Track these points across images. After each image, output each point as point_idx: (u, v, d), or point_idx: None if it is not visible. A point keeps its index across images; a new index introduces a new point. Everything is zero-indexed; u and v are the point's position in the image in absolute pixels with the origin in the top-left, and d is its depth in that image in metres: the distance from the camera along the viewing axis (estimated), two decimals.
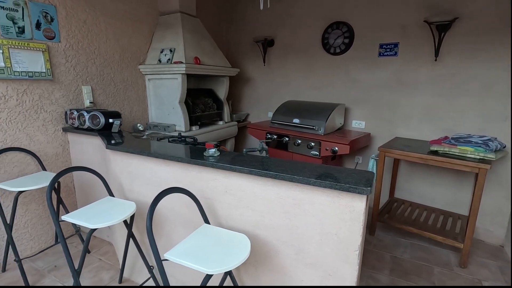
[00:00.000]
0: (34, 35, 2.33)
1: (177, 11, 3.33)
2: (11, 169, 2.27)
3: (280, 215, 1.43)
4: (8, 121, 2.23)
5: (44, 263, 2.33)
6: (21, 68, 2.26)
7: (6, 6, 2.15)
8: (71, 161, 2.68)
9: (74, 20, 2.59)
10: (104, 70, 2.91)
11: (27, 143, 2.36)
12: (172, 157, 1.66)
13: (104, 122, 2.37)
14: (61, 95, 2.56)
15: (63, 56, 2.54)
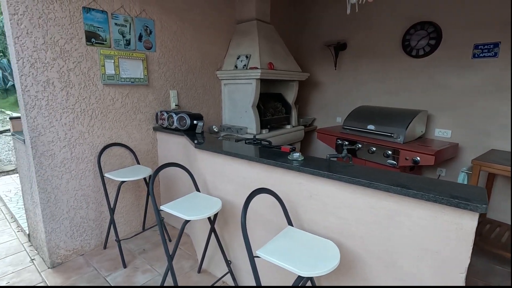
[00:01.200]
0: (137, 46, 2.68)
1: (253, 18, 3.48)
2: (114, 161, 2.64)
3: (369, 225, 1.38)
4: (114, 120, 2.60)
5: (134, 245, 2.65)
6: (126, 75, 2.62)
7: (118, 23, 2.52)
8: (158, 157, 2.99)
9: (167, 32, 2.91)
10: (188, 76, 3.19)
11: (127, 140, 2.71)
12: (256, 158, 1.74)
13: (190, 123, 2.59)
14: (154, 98, 2.89)
15: (156, 64, 2.87)
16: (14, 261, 2.43)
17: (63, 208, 2.36)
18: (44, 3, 2.09)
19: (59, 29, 2.19)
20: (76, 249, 2.47)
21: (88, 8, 2.32)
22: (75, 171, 2.39)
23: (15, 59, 2.03)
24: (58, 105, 2.24)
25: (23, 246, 2.64)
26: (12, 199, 3.49)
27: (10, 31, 1.98)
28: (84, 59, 2.35)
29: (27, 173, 2.36)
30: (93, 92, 2.43)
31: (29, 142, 2.15)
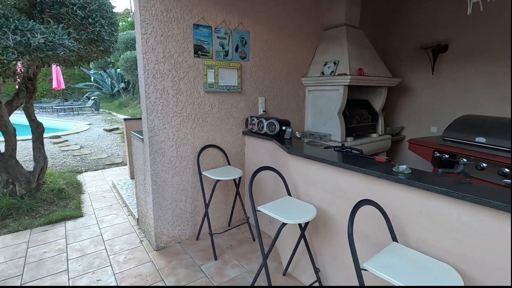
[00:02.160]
0: (233, 56, 2.91)
1: (342, 24, 3.42)
2: (209, 160, 2.91)
3: (499, 254, 1.21)
4: (211, 124, 2.87)
5: (222, 240, 2.86)
6: (223, 83, 2.87)
7: (220, 36, 2.78)
8: (245, 159, 3.18)
9: (259, 42, 3.08)
10: (275, 83, 3.31)
11: (220, 142, 2.96)
12: (356, 168, 1.70)
13: (279, 129, 2.68)
14: (245, 104, 3.08)
15: (249, 72, 3.06)
16: (128, 240, 2.88)
17: (168, 199, 2.70)
18: (165, 23, 2.45)
19: (174, 44, 2.53)
20: (175, 237, 2.80)
21: (197, 25, 2.63)
22: (179, 168, 2.72)
23: (142, 71, 2.43)
24: (169, 110, 2.59)
25: (133, 228, 3.12)
26: (122, 187, 4.15)
27: (141, 47, 2.38)
28: (191, 70, 2.66)
29: (142, 166, 2.78)
30: (196, 98, 2.73)
31: (147, 141, 2.53)
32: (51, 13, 2.96)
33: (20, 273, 2.36)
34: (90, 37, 3.13)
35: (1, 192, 3.46)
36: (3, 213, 3.22)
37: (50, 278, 2.30)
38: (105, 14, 3.28)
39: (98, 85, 16.95)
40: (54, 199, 3.67)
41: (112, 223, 3.23)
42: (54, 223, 3.21)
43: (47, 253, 2.65)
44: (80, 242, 2.84)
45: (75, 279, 2.29)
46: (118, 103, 14.58)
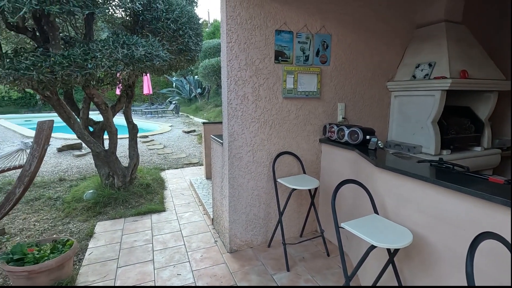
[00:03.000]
0: (313, 61, 2.80)
1: (441, 20, 2.99)
2: (283, 168, 2.85)
3: None
4: (287, 130, 2.81)
5: (294, 251, 2.76)
6: (302, 89, 2.79)
7: (301, 40, 2.71)
8: (320, 168, 3.03)
9: (341, 44, 2.91)
10: (357, 88, 3.08)
11: (296, 149, 2.88)
12: (471, 191, 1.41)
13: (362, 138, 2.47)
14: (323, 111, 2.94)
15: (329, 77, 2.91)
16: (204, 239, 3.02)
17: (243, 203, 2.73)
18: (249, 31, 2.50)
19: (256, 51, 2.56)
20: (247, 241, 2.82)
21: (279, 31, 2.61)
22: (254, 173, 2.73)
23: (225, 78, 2.52)
24: (248, 116, 2.62)
25: (208, 227, 3.27)
26: (198, 186, 4.43)
27: (225, 55, 2.48)
28: (271, 76, 2.65)
29: (220, 170, 2.89)
30: (274, 104, 2.71)
31: (226, 145, 2.61)
32: (150, 28, 3.34)
33: (116, 257, 2.68)
34: (180, 47, 3.42)
35: (104, 184, 4.05)
36: (104, 202, 3.75)
37: (139, 265, 2.55)
38: (193, 25, 3.55)
39: (179, 90, 18.77)
40: (143, 192, 4.12)
41: (189, 220, 3.44)
42: (142, 214, 3.59)
43: (136, 241, 2.96)
44: (163, 235, 3.10)
45: (159, 270, 2.49)
46: (195, 107, 15.86)
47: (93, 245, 2.89)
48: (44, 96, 3.23)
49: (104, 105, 3.65)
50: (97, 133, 4.11)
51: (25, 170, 2.49)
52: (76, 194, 3.99)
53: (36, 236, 3.10)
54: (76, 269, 2.48)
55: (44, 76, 2.42)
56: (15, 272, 2.04)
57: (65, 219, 3.46)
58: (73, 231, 3.19)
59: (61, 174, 5.05)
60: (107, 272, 2.46)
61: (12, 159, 2.72)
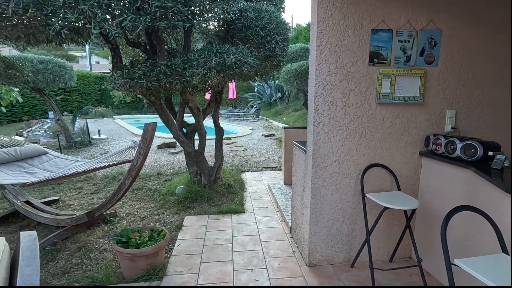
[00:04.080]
0: (417, 61, 2.43)
1: None
2: (373, 181, 2.56)
3: None
4: (380, 140, 2.51)
5: (383, 277, 2.44)
6: (400, 94, 2.45)
7: (402, 39, 2.39)
8: (419, 186, 2.61)
9: (455, 41, 2.44)
10: (473, 92, 2.54)
11: (389, 162, 2.55)
12: None
13: (482, 154, 2.00)
14: (425, 119, 2.52)
15: (435, 80, 2.48)
16: (281, 247, 2.96)
17: (325, 216, 2.56)
18: (341, 32, 2.33)
19: (348, 54, 2.36)
20: (328, 257, 2.62)
21: (376, 30, 2.36)
22: (339, 185, 2.53)
23: (313, 83, 2.41)
24: (336, 123, 2.44)
25: (286, 235, 3.19)
26: (277, 192, 4.41)
27: (314, 59, 2.36)
28: (364, 79, 2.41)
29: (302, 178, 2.79)
30: (366, 111, 2.46)
31: (310, 153, 2.49)
32: (239, 36, 3.49)
33: (200, 252, 2.85)
34: (267, 53, 3.47)
35: (192, 181, 4.42)
36: (192, 197, 4.09)
37: (220, 264, 2.65)
38: (280, 31, 3.55)
39: (260, 95, 19.45)
40: (225, 192, 4.33)
41: (267, 225, 3.44)
42: (224, 214, 3.77)
43: (218, 240, 3.10)
44: (242, 237, 3.17)
45: (237, 272, 2.53)
46: (274, 111, 16.15)
47: (181, 237, 3.15)
48: (150, 101, 3.71)
49: (196, 109, 3.99)
50: (189, 134, 4.53)
51: (133, 165, 2.89)
52: (170, 188, 4.47)
53: (138, 221, 3.58)
54: (167, 258, 2.74)
55: (151, 83, 2.77)
56: (122, 253, 2.36)
57: (160, 210, 3.91)
58: (166, 221, 3.56)
59: (159, 169, 5.77)
60: (192, 265, 2.64)
61: (124, 155, 3.20)
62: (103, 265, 2.66)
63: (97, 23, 2.22)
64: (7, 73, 4.30)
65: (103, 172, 5.38)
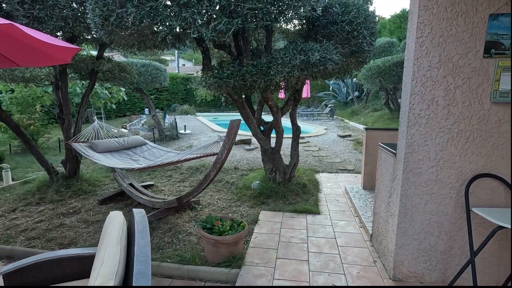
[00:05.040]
0: None
1: None
2: (481, 194, 2.18)
3: None
4: (494, 146, 2.12)
5: None
6: None
7: None
8: None
9: None
10: None
11: (504, 173, 2.13)
12: None
13: None
14: None
15: None
16: (360, 254, 2.78)
17: (415, 228, 2.30)
18: (447, 21, 2.04)
19: (456, 45, 2.06)
20: (417, 274, 2.35)
21: (495, 14, 1.99)
22: (436, 195, 2.23)
23: (409, 79, 2.18)
24: (436, 124, 2.16)
25: (365, 243, 2.99)
26: (355, 196, 4.17)
27: (412, 53, 2.13)
28: (475, 75, 2.07)
29: (388, 183, 2.56)
30: (476, 111, 2.10)
31: (402, 157, 2.26)
32: (324, 32, 3.40)
33: (276, 248, 2.90)
34: (352, 49, 3.29)
35: (267, 177, 4.53)
36: (267, 194, 4.19)
37: (295, 262, 2.65)
38: (368, 25, 3.33)
39: (335, 93, 18.69)
40: (299, 192, 4.31)
41: (344, 230, 3.28)
42: (298, 213, 3.75)
43: (293, 238, 3.11)
44: (317, 238, 3.10)
45: (314, 273, 2.49)
46: (351, 111, 15.30)
47: (257, 230, 3.26)
48: (233, 99, 3.94)
49: (275, 107, 4.06)
50: (266, 132, 4.65)
51: (218, 158, 3.12)
52: (246, 182, 4.67)
53: (218, 211, 3.85)
54: (244, 249, 2.88)
55: (237, 82, 2.93)
56: (207, 238, 2.58)
57: (237, 202, 4.12)
58: (242, 214, 3.74)
59: (235, 164, 6.10)
60: (268, 259, 2.70)
61: (210, 148, 3.48)
62: (189, 247, 2.95)
63: (195, 28, 2.45)
64: (120, 76, 5.14)
65: (188, 164, 5.96)
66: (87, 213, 3.77)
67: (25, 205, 4.01)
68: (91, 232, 3.31)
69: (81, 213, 3.79)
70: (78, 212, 3.82)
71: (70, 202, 4.12)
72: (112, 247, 1.42)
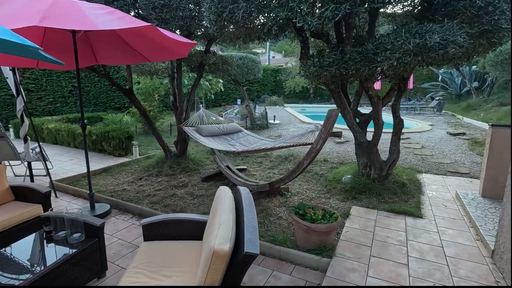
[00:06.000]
0: None
1: None
2: None
3: None
4: None
5: None
6: None
7: None
8: None
9: None
10: None
11: None
12: None
13: None
14: None
15: None
16: (476, 270, 2.38)
17: None
18: None
19: None
20: None
21: None
22: None
23: None
24: None
25: (484, 259, 2.53)
26: (469, 203, 3.54)
27: None
28: None
29: None
30: None
31: None
32: (444, 11, 2.94)
33: (369, 245, 2.75)
34: (484, 28, 2.75)
35: (360, 172, 4.29)
36: (360, 189, 3.98)
37: (392, 264, 2.46)
38: None
39: (444, 84, 16.00)
40: (397, 191, 3.93)
41: (454, 240, 2.85)
42: (395, 213, 3.44)
43: (389, 238, 2.88)
44: (419, 243, 2.79)
45: (415, 279, 2.27)
46: (466, 105, 12.87)
47: (348, 225, 3.16)
48: (329, 89, 3.84)
49: (376, 97, 3.78)
50: (362, 124, 4.38)
51: (313, 147, 3.12)
52: (336, 175, 4.54)
53: (307, 200, 3.88)
54: (335, 240, 2.83)
55: (339, 71, 2.84)
56: (299, 223, 2.65)
57: (327, 194, 4.06)
58: (332, 206, 3.67)
59: (325, 156, 5.98)
60: (361, 255, 2.60)
61: (304, 138, 3.51)
62: (280, 230, 3.09)
63: (301, 17, 2.48)
64: (223, 68, 5.65)
65: (277, 152, 6.17)
66: (193, 188, 4.36)
67: (148, 175, 4.91)
68: (196, 204, 3.82)
69: (188, 187, 4.40)
70: (186, 186, 4.45)
71: (179, 177, 4.83)
72: (226, 214, 1.62)
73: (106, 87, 12.82)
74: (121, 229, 3.22)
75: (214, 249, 1.38)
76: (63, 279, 1.98)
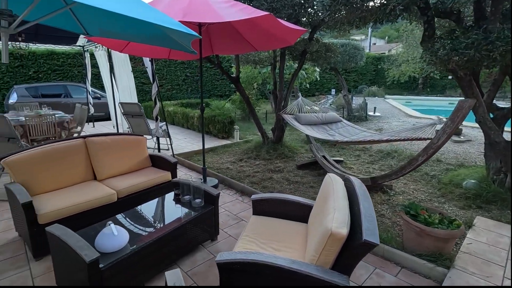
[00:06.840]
0: None
1: None
2: None
3: None
4: None
5: None
6: None
7: None
8: None
9: None
10: None
11: None
12: None
13: None
14: None
15: None
16: None
17: None
18: None
19: None
20: None
21: None
22: None
23: None
24: None
25: None
26: None
27: None
28: None
29: None
30: None
31: None
32: None
33: (502, 265, 2.29)
34: None
35: (491, 178, 3.55)
36: (488, 198, 3.31)
37: None
38: None
39: None
40: None
41: None
42: None
43: None
44: None
45: None
46: None
47: (471, 236, 2.69)
48: (457, 76, 3.27)
49: None
50: (498, 120, 3.60)
51: (432, 143, 2.75)
52: (455, 178, 3.89)
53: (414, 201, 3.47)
54: (453, 251, 2.46)
55: (479, 54, 2.37)
56: (410, 223, 2.40)
57: (440, 198, 3.54)
58: (448, 213, 3.18)
59: (438, 155, 5.20)
60: (489, 273, 2.19)
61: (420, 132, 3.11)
62: (382, 228, 2.88)
63: None
64: (326, 55, 5.50)
65: (377, 147, 5.70)
66: (288, 174, 4.47)
67: (247, 158, 5.29)
68: (292, 190, 3.91)
69: (284, 172, 4.54)
70: (282, 171, 4.60)
71: (276, 162, 5.03)
72: (341, 200, 1.61)
73: (211, 77, 14.26)
74: (227, 202, 3.60)
75: (332, 231, 1.39)
76: (187, 235, 2.36)
